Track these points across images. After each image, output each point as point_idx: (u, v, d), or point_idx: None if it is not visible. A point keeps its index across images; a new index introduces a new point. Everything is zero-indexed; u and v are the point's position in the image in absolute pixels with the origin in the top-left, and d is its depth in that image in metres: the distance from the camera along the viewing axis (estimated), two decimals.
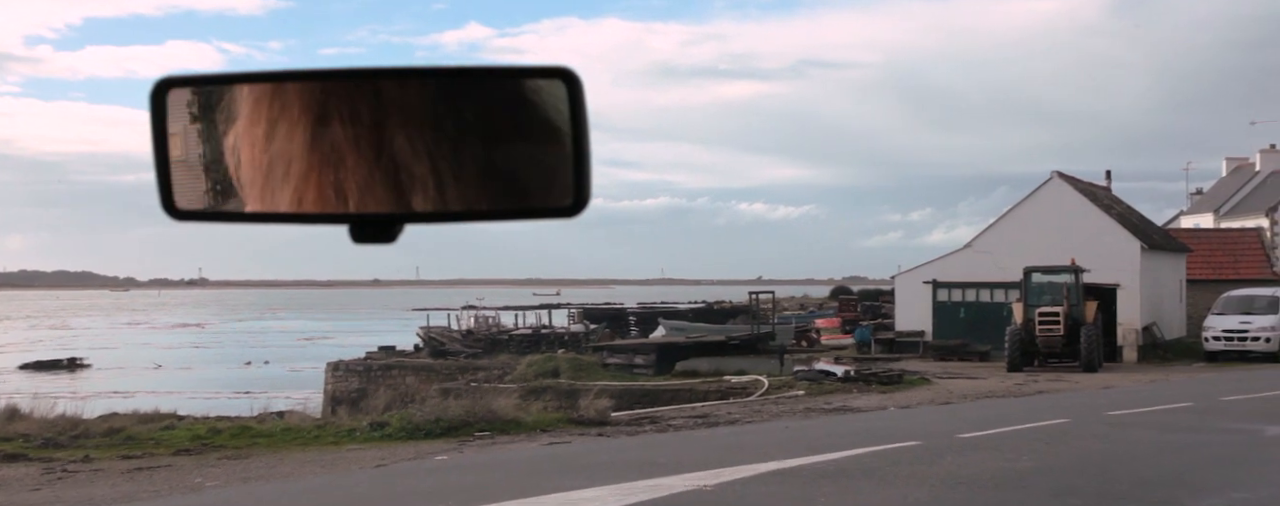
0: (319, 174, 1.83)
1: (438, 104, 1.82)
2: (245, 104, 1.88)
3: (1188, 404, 18.64)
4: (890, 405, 22.94)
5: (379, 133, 1.81)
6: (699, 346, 30.88)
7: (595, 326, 41.10)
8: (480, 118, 1.82)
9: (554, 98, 1.83)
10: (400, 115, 1.81)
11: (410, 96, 1.83)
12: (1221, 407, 17.81)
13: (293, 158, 1.83)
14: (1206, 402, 18.85)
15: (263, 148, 1.85)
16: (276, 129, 1.85)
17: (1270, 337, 34.41)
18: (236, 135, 1.88)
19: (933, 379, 29.71)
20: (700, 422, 20.35)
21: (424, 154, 1.80)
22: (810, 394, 26.37)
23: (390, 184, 1.81)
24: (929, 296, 38.33)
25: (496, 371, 31.59)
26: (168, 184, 1.91)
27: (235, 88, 1.90)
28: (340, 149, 1.82)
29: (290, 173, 1.84)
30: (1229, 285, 41.61)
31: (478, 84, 1.85)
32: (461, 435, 18.13)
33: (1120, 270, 35.52)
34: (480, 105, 1.82)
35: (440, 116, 1.82)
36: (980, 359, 35.96)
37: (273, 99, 1.86)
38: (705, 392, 27.91)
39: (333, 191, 1.83)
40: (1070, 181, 37.62)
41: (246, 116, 1.87)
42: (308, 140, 1.83)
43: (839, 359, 39.26)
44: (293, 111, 1.84)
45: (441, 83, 1.84)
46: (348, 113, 1.82)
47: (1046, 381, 28.71)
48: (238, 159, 1.87)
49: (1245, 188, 55.99)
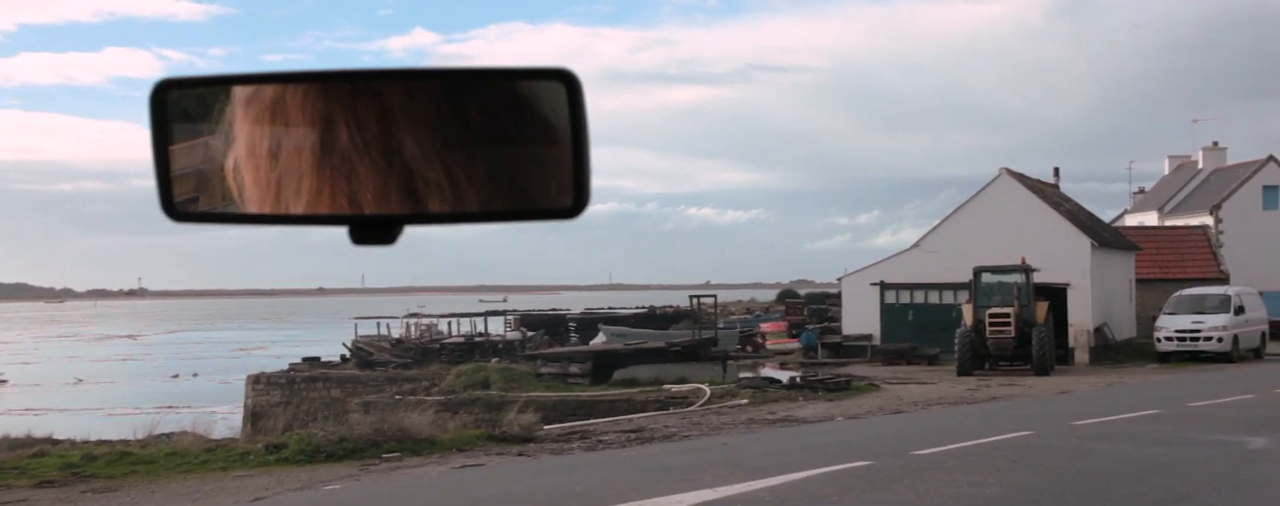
0: (318, 175, 1.81)
1: (437, 105, 1.80)
2: (245, 106, 1.85)
3: (1155, 411, 17.21)
4: (838, 414, 21.38)
5: (378, 134, 1.79)
6: (638, 353, 29.17)
7: (533, 334, 39.21)
8: (480, 119, 1.80)
9: (553, 99, 1.81)
10: (399, 117, 1.79)
11: (409, 98, 1.80)
12: (1193, 415, 16.38)
13: (292, 159, 1.82)
14: (1175, 409, 17.44)
15: (262, 149, 1.83)
16: (276, 130, 1.83)
17: (1223, 337, 33.33)
18: (236, 137, 1.85)
19: (882, 384, 28.24)
20: (633, 438, 18.63)
21: (423, 155, 1.78)
22: (754, 402, 24.78)
23: (389, 185, 1.79)
24: (876, 298, 36.92)
25: (425, 383, 29.64)
26: (167, 186, 1.89)
27: (235, 89, 1.87)
28: (339, 150, 1.80)
29: (289, 174, 1.82)
30: (1177, 284, 40.66)
31: (477, 85, 1.82)
32: (368, 457, 16.26)
33: (1070, 269, 34.32)
34: (479, 107, 1.81)
35: (440, 118, 1.79)
36: (929, 362, 34.60)
37: (273, 101, 1.84)
38: (644, 403, 26.19)
39: (332, 193, 1.81)
40: (1019, 178, 36.40)
41: (246, 118, 1.85)
42: (307, 142, 1.81)
43: (785, 364, 37.73)
44: (292, 113, 1.83)
45: (441, 84, 1.81)
46: (347, 114, 1.80)
47: (999, 386, 27.33)
48: (237, 160, 1.84)
49: (1188, 185, 55.37)
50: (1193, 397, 19.72)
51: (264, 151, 1.83)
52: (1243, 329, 34.13)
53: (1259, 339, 35.32)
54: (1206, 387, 22.71)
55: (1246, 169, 51.11)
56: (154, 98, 1.89)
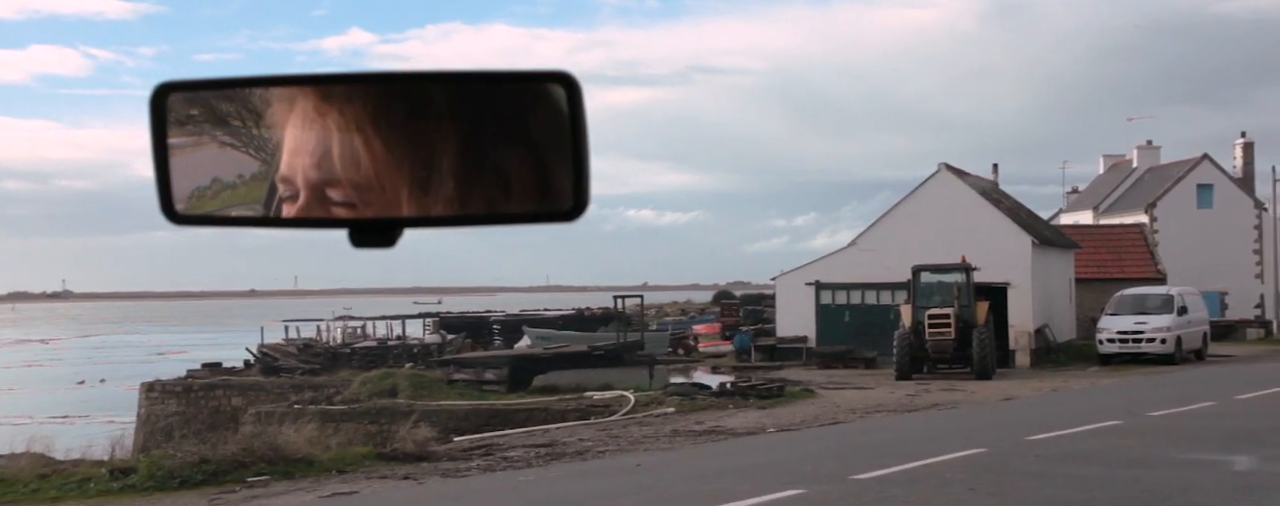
0: (318, 178, 1.80)
1: (436, 108, 1.79)
2: (245, 108, 1.85)
3: (1115, 422, 15.50)
4: (770, 425, 19.48)
5: (378, 137, 1.78)
6: (559, 358, 27.05)
7: (453, 337, 36.89)
8: (479, 122, 1.80)
9: (553, 102, 1.80)
10: (399, 120, 1.79)
11: (409, 101, 1.80)
12: (1157, 428, 14.67)
13: (292, 162, 1.81)
14: (1135, 420, 15.75)
15: (262, 152, 1.83)
16: (275, 133, 1.82)
17: (1166, 339, 32.00)
18: (236, 140, 1.85)
19: (817, 390, 26.43)
20: (543, 454, 16.58)
21: (423, 158, 1.78)
22: (681, 411, 22.81)
23: (389, 188, 1.78)
24: (812, 299, 35.14)
25: (330, 390, 27.24)
26: (167, 188, 1.88)
27: (235, 92, 1.87)
28: (339, 153, 1.79)
29: (290, 177, 1.81)
30: (1115, 284, 39.47)
31: (476, 88, 1.82)
32: (230, 481, 14.03)
33: (1011, 268, 32.80)
34: (479, 109, 1.80)
35: (439, 121, 1.79)
36: (867, 365, 32.89)
37: (272, 104, 1.83)
38: (563, 412, 24.07)
39: (332, 196, 1.80)
40: (958, 174, 34.84)
41: (246, 121, 1.85)
42: (306, 145, 1.80)
43: (717, 368, 35.79)
44: (292, 116, 1.82)
45: (440, 87, 1.81)
46: (346, 117, 1.79)
47: (939, 391, 25.65)
48: (237, 163, 1.85)
49: (1123, 184, 54.50)
50: (1149, 405, 18.10)
51: (264, 154, 1.83)
52: (1185, 330, 32.87)
53: (1201, 340, 34.11)
54: (1160, 393, 21.16)
55: (1181, 167, 50.31)
56: (154, 100, 1.87)
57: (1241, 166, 49.90)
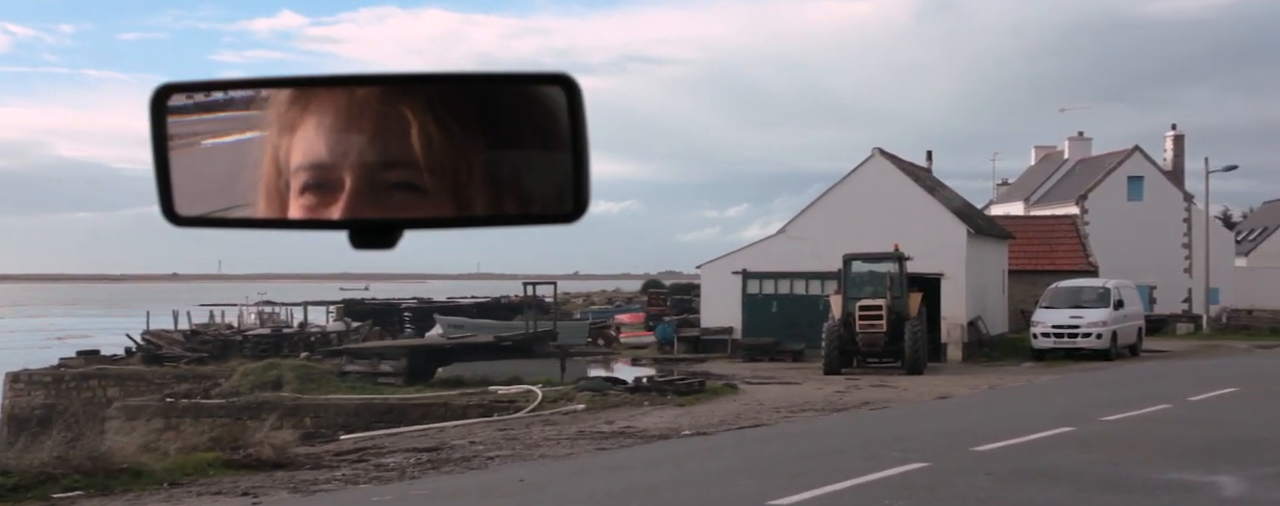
0: (318, 180, 1.77)
1: (438, 110, 1.77)
2: (245, 110, 1.83)
3: (1068, 428, 13.64)
4: (686, 426, 17.41)
5: (379, 138, 1.76)
6: (464, 349, 24.75)
7: (359, 325, 34.31)
8: (480, 124, 1.78)
9: (553, 104, 1.78)
10: (400, 121, 1.76)
11: (409, 103, 1.77)
12: (1117, 437, 12.81)
13: (293, 163, 1.78)
14: (1089, 426, 13.90)
15: (263, 153, 1.80)
16: (277, 135, 1.79)
17: (1102, 334, 30.52)
18: (237, 141, 1.83)
19: (740, 385, 24.46)
20: (424, 461, 14.34)
21: (423, 160, 1.75)
22: (592, 408, 20.69)
23: (389, 190, 1.76)
24: (738, 288, 33.19)
25: (207, 382, 24.60)
26: (168, 190, 1.85)
27: (235, 93, 1.85)
28: (340, 155, 1.77)
29: (291, 178, 1.78)
30: (1047, 276, 38.11)
31: (477, 90, 1.80)
32: (32, 497, 11.58)
33: (945, 258, 31.11)
34: (479, 111, 1.78)
35: (440, 123, 1.76)
36: (794, 358, 31.05)
37: (273, 105, 1.81)
38: (464, 408, 21.82)
39: (332, 197, 1.77)
40: (893, 160, 33.05)
41: (247, 122, 1.82)
42: (308, 146, 1.78)
43: (637, 360, 33.80)
44: (293, 117, 1.79)
45: (441, 89, 1.79)
46: (347, 119, 1.77)
47: (870, 387, 23.81)
48: (238, 165, 1.81)
49: (1054, 175, 53.41)
50: (1099, 408, 16.32)
51: (264, 156, 1.79)
52: (1121, 324, 31.44)
53: (1136, 335, 32.73)
54: (1105, 393, 19.46)
55: (1112, 159, 49.26)
56: (154, 101, 1.85)
57: (1172, 159, 49.00)
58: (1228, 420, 14.29)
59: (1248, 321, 43.72)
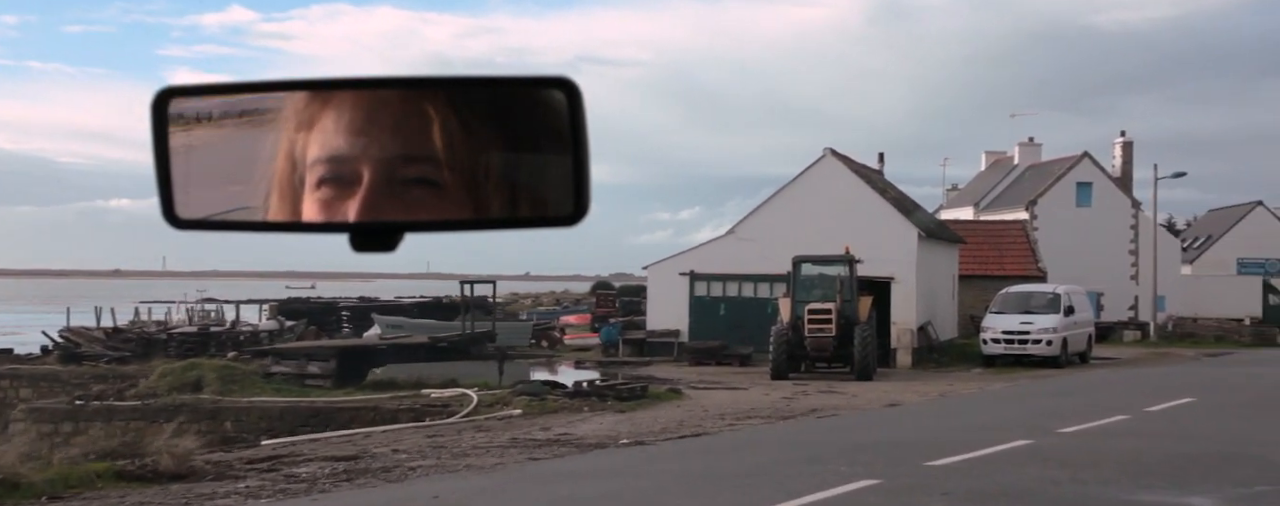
0: (319, 183, 1.76)
1: (438, 113, 1.76)
2: (247, 113, 1.83)
3: (1025, 441, 12.84)
4: (625, 434, 16.45)
5: (379, 141, 1.75)
6: (398, 350, 23.57)
7: (293, 324, 32.92)
8: (480, 127, 1.77)
9: (554, 107, 1.78)
10: (400, 124, 1.76)
11: (410, 105, 1.77)
12: (1080, 452, 12.01)
13: (294, 166, 1.78)
14: (1048, 440, 13.11)
15: (264, 156, 1.79)
16: (277, 138, 1.79)
17: (1052, 340, 29.98)
18: (238, 144, 1.83)
19: (684, 390, 23.54)
20: (340, 471, 13.26)
21: (424, 163, 1.75)
22: (528, 413, 19.67)
23: (390, 193, 1.75)
24: (686, 290, 32.29)
25: (123, 384, 23.18)
26: (169, 193, 1.85)
27: (237, 97, 1.85)
28: (340, 158, 1.76)
29: (291, 181, 1.78)
30: (997, 281, 37.63)
31: (478, 93, 1.80)
32: None
33: (896, 261, 30.42)
34: (480, 114, 1.77)
35: (440, 126, 1.75)
36: (741, 363, 30.20)
37: (274, 108, 1.81)
38: (395, 412, 20.68)
39: (333, 200, 1.76)
40: (844, 161, 32.31)
41: (248, 126, 1.82)
42: (309, 149, 1.77)
43: (580, 363, 32.80)
44: (294, 120, 1.79)
45: (441, 92, 1.78)
46: (348, 122, 1.76)
47: (818, 393, 22.99)
48: (239, 168, 1.81)
49: (1004, 181, 53.13)
50: (1055, 418, 15.58)
51: (265, 159, 1.79)
52: (1071, 331, 30.95)
53: (1086, 342, 32.27)
54: (1059, 403, 18.77)
55: (1062, 165, 49.02)
56: (155, 105, 1.85)
57: (1120, 165, 48.86)
58: (1191, 434, 13.57)
59: (1193, 329, 43.63)
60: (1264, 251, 57.44)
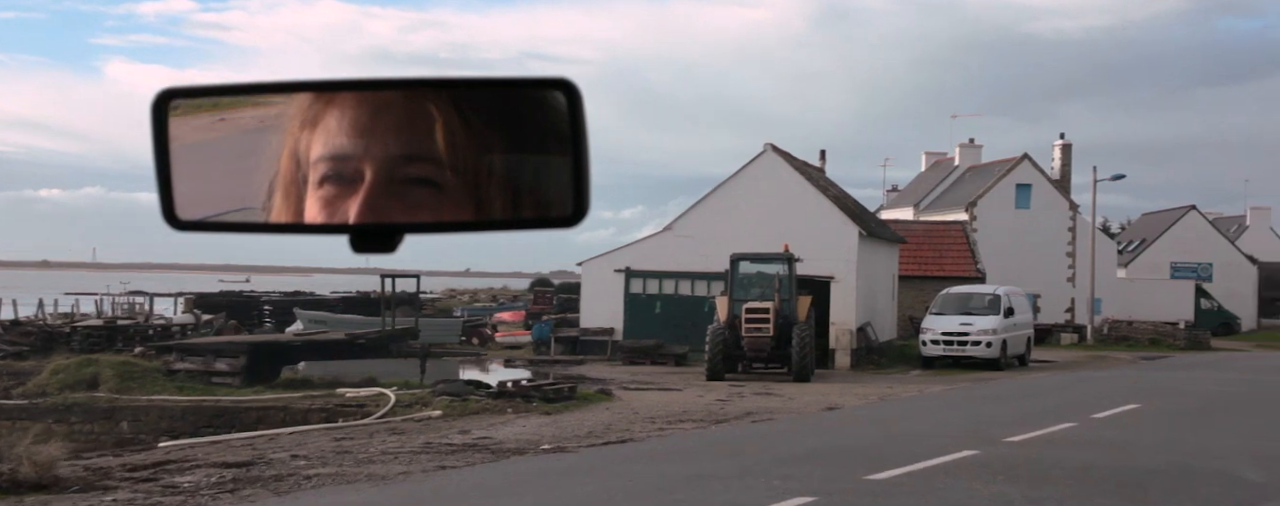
0: (319, 184, 1.75)
1: (438, 114, 1.75)
2: (247, 115, 1.82)
3: (971, 451, 11.91)
4: (547, 439, 15.34)
5: (379, 142, 1.74)
6: (313, 347, 22.17)
7: (211, 318, 31.30)
8: (480, 128, 1.76)
9: (554, 108, 1.77)
10: (400, 125, 1.75)
11: (410, 107, 1.76)
12: (1029, 465, 11.09)
13: (314, 155, 1.76)
14: (995, 450, 12.19)
15: (264, 158, 1.78)
16: (277, 139, 1.78)
17: (992, 342, 29.35)
18: (238, 145, 1.82)
19: (616, 391, 22.47)
20: (227, 480, 12.00)
21: (424, 164, 1.74)
22: (449, 415, 18.47)
23: (390, 194, 1.74)
24: (621, 287, 31.21)
25: (14, 381, 21.51)
26: (169, 194, 1.84)
27: (237, 98, 1.84)
28: (341, 159, 1.75)
29: (292, 182, 1.77)
30: (936, 282, 37.08)
31: (478, 94, 1.79)
32: None
33: (835, 260, 29.60)
34: (480, 115, 1.76)
35: (440, 127, 1.74)
36: (676, 362, 29.22)
37: (274, 110, 1.80)
38: (306, 412, 19.34)
39: (333, 201, 1.75)
40: (785, 157, 31.41)
41: (248, 127, 1.81)
42: (313, 148, 1.76)
43: (510, 361, 31.60)
44: (294, 122, 1.78)
45: (442, 93, 1.77)
46: (348, 123, 1.75)
47: (754, 395, 22.04)
48: (239, 169, 1.80)
49: (945, 182, 52.77)
50: (999, 426, 14.72)
51: (266, 159, 1.77)
52: (1011, 333, 30.36)
53: (1025, 344, 31.72)
54: (1002, 408, 17.95)
55: (1001, 166, 48.71)
56: (155, 107, 1.84)
57: (1059, 168, 48.67)
58: (1144, 444, 12.75)
59: (1128, 332, 43.49)
60: (1197, 256, 57.76)
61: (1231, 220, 70.47)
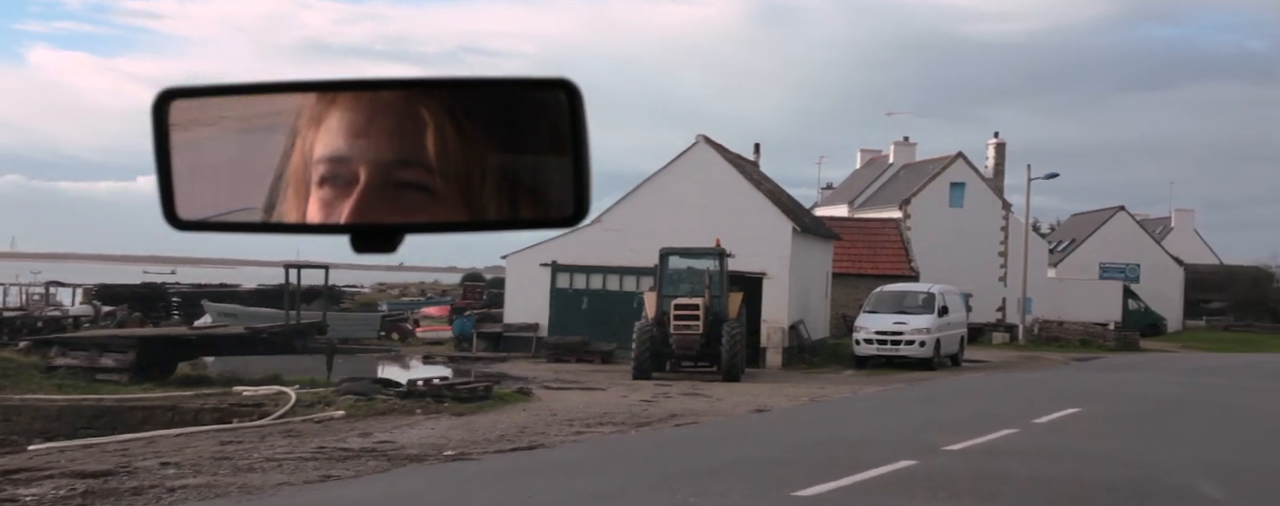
0: (320, 184, 1.76)
1: (438, 114, 1.75)
2: (247, 115, 1.82)
3: (909, 462, 10.85)
4: (454, 443, 14.10)
5: (380, 143, 1.75)
6: (210, 342, 20.58)
7: (112, 309, 29.39)
8: (481, 128, 1.76)
9: (554, 108, 1.77)
10: (401, 125, 1.75)
11: (411, 107, 1.76)
12: (972, 480, 10.03)
13: (294, 168, 1.77)
14: (936, 461, 11.14)
15: (264, 158, 1.78)
16: (278, 139, 1.78)
17: (926, 341, 28.55)
18: (238, 146, 1.83)
19: (536, 390, 21.22)
20: (76, 493, 10.62)
21: (424, 163, 1.73)
22: (352, 415, 17.12)
23: (390, 194, 1.74)
24: (547, 282, 29.92)
25: None
26: (170, 194, 1.83)
27: (237, 99, 1.84)
28: (341, 159, 1.75)
29: (292, 183, 1.77)
30: (869, 280, 36.31)
31: (479, 94, 1.80)
32: None
33: (768, 256, 28.59)
34: (480, 115, 1.76)
35: (441, 126, 1.74)
36: (603, 360, 28.04)
37: (274, 110, 1.80)
38: (197, 412, 17.79)
39: (334, 201, 1.75)
40: (718, 149, 30.32)
41: (248, 127, 1.81)
42: (308, 150, 1.77)
43: (430, 357, 30.17)
44: (294, 122, 1.78)
45: (442, 93, 1.77)
46: (348, 123, 1.76)
47: (680, 396, 20.92)
48: (240, 169, 1.81)
49: (879, 179, 52.20)
50: (937, 430, 13.72)
51: (266, 160, 1.78)
52: (945, 332, 29.61)
53: (958, 344, 31.02)
54: (939, 412, 16.99)
55: (936, 164, 48.22)
56: (156, 107, 1.84)
57: (993, 166, 48.32)
58: (1092, 454, 11.79)
59: (1059, 333, 43.19)
60: (1125, 256, 57.91)
61: (1157, 222, 71.06)
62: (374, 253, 1.78)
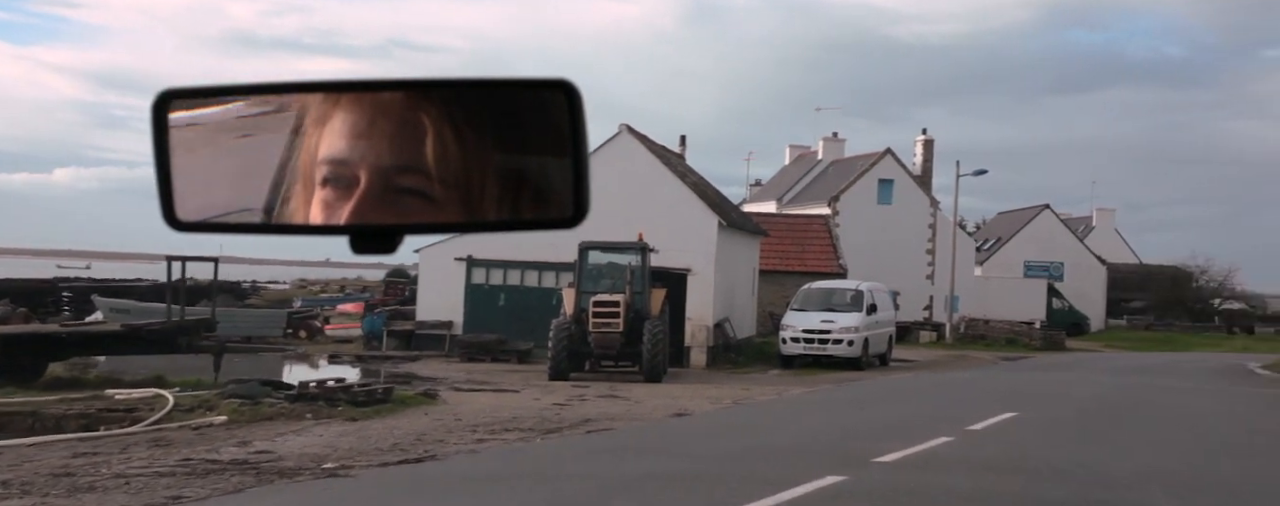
0: (319, 185, 1.76)
1: (438, 115, 1.75)
2: (247, 116, 1.82)
3: (837, 477, 9.66)
4: (339, 453, 12.70)
5: (379, 143, 1.75)
6: (86, 340, 18.80)
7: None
8: (480, 129, 1.76)
9: (553, 109, 1.77)
10: (400, 126, 1.75)
11: (410, 107, 1.76)
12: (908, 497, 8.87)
13: (293, 169, 1.77)
14: (867, 474, 9.97)
15: (264, 159, 1.78)
16: (277, 140, 1.78)
17: (854, 340, 27.60)
18: (238, 146, 1.81)
19: (443, 392, 19.76)
20: None
21: (424, 164, 1.73)
22: (236, 421, 15.55)
23: (390, 195, 1.74)
24: (462, 277, 28.41)
25: None
26: (169, 195, 1.83)
27: (237, 99, 1.84)
28: (341, 160, 1.75)
29: (291, 183, 1.77)
30: (797, 277, 35.40)
31: (477, 95, 1.79)
32: None
33: (693, 252, 27.40)
34: (480, 116, 1.76)
35: (440, 127, 1.74)
36: (519, 359, 26.64)
37: (274, 110, 1.81)
38: (61, 418, 16.03)
39: (333, 202, 1.75)
40: (642, 140, 29.06)
41: (248, 128, 1.81)
42: (308, 151, 1.77)
43: (337, 357, 28.49)
44: (294, 123, 1.78)
45: (442, 94, 1.78)
46: (348, 124, 1.76)
47: (597, 398, 19.63)
48: (239, 170, 1.80)
49: (808, 175, 51.43)
50: (867, 438, 12.58)
51: (265, 161, 1.78)
52: (873, 331, 28.71)
53: (887, 343, 30.16)
54: (869, 415, 15.90)
55: (865, 161, 47.56)
56: (156, 107, 1.83)
57: (921, 164, 47.79)
58: (1035, 465, 10.73)
59: (986, 331, 42.76)
60: (1049, 255, 57.91)
61: (1079, 221, 71.45)
62: (373, 253, 1.77)
